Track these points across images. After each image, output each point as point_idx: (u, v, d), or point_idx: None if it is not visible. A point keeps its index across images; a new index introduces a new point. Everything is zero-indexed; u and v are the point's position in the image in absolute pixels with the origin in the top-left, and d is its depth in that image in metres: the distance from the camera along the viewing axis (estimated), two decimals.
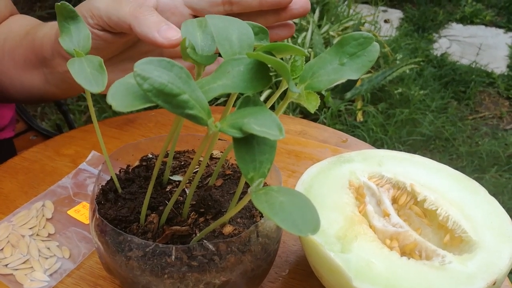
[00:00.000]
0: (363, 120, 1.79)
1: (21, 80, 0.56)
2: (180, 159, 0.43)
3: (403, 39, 2.37)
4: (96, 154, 0.56)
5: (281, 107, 0.33)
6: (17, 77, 0.57)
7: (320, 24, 2.06)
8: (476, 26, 2.67)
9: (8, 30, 0.59)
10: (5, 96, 0.61)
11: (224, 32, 0.31)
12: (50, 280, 0.42)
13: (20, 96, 0.59)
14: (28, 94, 0.58)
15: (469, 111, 1.97)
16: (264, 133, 0.24)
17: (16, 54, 0.56)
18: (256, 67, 0.29)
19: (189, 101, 0.25)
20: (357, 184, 0.43)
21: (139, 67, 0.25)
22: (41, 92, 0.57)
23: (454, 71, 2.16)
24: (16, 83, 0.57)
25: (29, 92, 0.57)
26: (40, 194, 0.51)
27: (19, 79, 0.57)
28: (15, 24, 0.60)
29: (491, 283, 0.34)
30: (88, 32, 0.36)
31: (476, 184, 0.42)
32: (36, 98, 0.59)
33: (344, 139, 0.62)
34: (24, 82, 0.56)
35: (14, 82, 0.57)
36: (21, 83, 0.57)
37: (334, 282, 0.36)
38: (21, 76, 0.56)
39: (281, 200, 0.25)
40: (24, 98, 0.60)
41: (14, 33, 0.58)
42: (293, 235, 0.47)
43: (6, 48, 0.57)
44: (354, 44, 0.31)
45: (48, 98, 0.59)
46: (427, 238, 0.40)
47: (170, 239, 0.35)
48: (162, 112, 0.66)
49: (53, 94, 0.57)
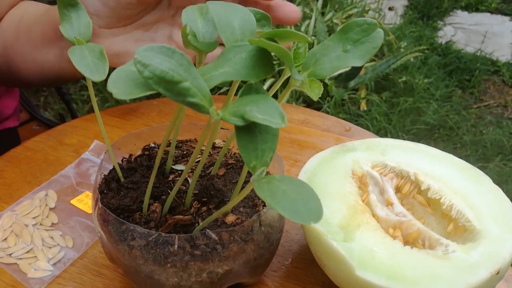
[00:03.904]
0: (366, 109, 1.79)
1: (35, 57, 0.57)
2: (182, 148, 0.43)
3: (408, 27, 2.35)
4: (99, 143, 0.56)
5: (284, 95, 0.33)
6: (31, 55, 0.57)
7: (323, 11, 2.04)
8: (481, 13, 2.64)
9: (23, 11, 0.60)
10: (17, 77, 0.61)
11: (225, 19, 0.30)
12: (53, 269, 0.42)
13: (32, 76, 0.59)
14: (40, 72, 0.58)
15: (474, 100, 1.96)
16: (266, 121, 0.24)
17: (33, 31, 0.56)
18: (258, 54, 0.29)
19: (190, 89, 0.25)
20: (360, 173, 0.42)
21: (140, 54, 0.24)
22: (54, 69, 0.57)
23: (458, 59, 2.14)
24: (29, 60, 0.58)
25: (41, 70, 0.58)
26: (43, 184, 0.51)
27: (32, 57, 0.57)
28: (31, 6, 0.61)
29: (494, 272, 0.34)
30: (89, 19, 0.36)
31: (480, 173, 0.42)
32: (48, 78, 0.59)
33: (347, 128, 0.61)
34: (37, 59, 0.57)
35: (27, 59, 0.58)
36: (34, 61, 0.57)
37: (337, 271, 0.36)
38: (35, 53, 0.57)
39: (284, 189, 0.25)
40: (36, 78, 0.60)
41: (31, 12, 0.58)
42: (296, 224, 0.47)
43: (21, 28, 0.58)
44: (358, 30, 0.30)
45: (59, 76, 0.59)
46: (431, 227, 0.40)
47: (172, 228, 0.35)
48: (165, 101, 0.66)
49: (65, 72, 0.57)
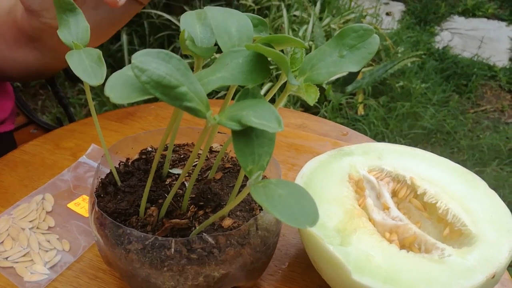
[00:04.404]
0: (364, 113, 1.79)
1: (14, 57, 0.56)
2: (179, 152, 0.43)
3: (405, 32, 2.36)
4: (96, 147, 0.56)
5: (281, 100, 0.33)
6: (10, 54, 0.56)
7: (321, 16, 2.05)
8: (478, 19, 2.65)
9: None
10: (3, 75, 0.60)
11: (223, 24, 0.30)
12: (50, 273, 0.42)
13: (17, 73, 0.58)
14: (24, 70, 0.57)
15: (471, 105, 1.96)
16: (262, 126, 0.24)
17: (4, 32, 0.55)
18: (255, 59, 0.29)
19: (187, 94, 0.25)
20: (357, 178, 0.42)
21: (137, 59, 0.25)
22: (38, 65, 0.56)
23: (455, 64, 2.15)
24: (10, 60, 0.57)
25: (25, 68, 0.57)
26: (40, 187, 0.51)
27: (11, 56, 0.56)
28: None
29: (490, 276, 0.34)
30: (87, 24, 0.36)
31: (477, 177, 0.42)
32: (34, 73, 0.58)
33: (344, 132, 0.62)
34: (17, 59, 0.56)
35: (7, 59, 0.57)
36: (14, 60, 0.56)
37: (333, 275, 0.36)
38: (14, 54, 0.56)
39: (280, 193, 0.25)
40: (21, 75, 0.59)
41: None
42: (293, 229, 0.47)
43: None
44: (354, 36, 0.31)
45: (47, 71, 0.58)
46: (427, 231, 0.40)
47: (169, 232, 0.35)
48: (162, 105, 0.66)
49: (50, 66, 0.56)
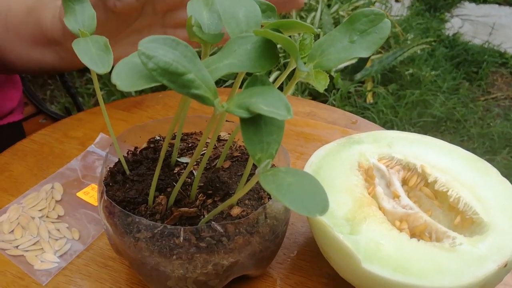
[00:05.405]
0: (373, 101, 1.77)
1: (30, 55, 0.55)
2: (187, 141, 0.43)
3: (415, 19, 2.33)
4: (105, 136, 0.56)
5: (290, 87, 0.32)
6: (25, 52, 0.56)
7: (329, 3, 2.03)
8: (489, 5, 2.61)
9: (6, 4, 0.57)
10: (11, 68, 0.60)
11: (230, 10, 0.30)
12: (60, 261, 0.42)
13: (29, 69, 0.58)
14: (38, 68, 0.57)
15: (481, 92, 1.94)
16: (271, 113, 0.24)
17: (21, 31, 0.54)
18: (264, 45, 0.28)
19: (194, 81, 0.25)
20: (367, 166, 0.42)
21: (144, 45, 0.24)
22: (53, 66, 0.56)
23: (466, 51, 2.12)
24: (24, 58, 0.56)
25: (39, 66, 0.57)
26: (49, 176, 0.51)
27: (27, 54, 0.56)
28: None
29: (502, 265, 0.34)
30: (93, 12, 0.36)
31: (488, 165, 0.42)
32: (48, 71, 0.58)
33: (353, 120, 0.61)
34: (33, 57, 0.56)
35: (22, 57, 0.56)
36: (29, 58, 0.56)
37: (343, 263, 0.36)
38: (30, 52, 0.55)
39: (289, 181, 0.24)
40: (33, 70, 0.59)
41: (14, 9, 0.56)
42: (302, 217, 0.47)
43: (9, 24, 0.55)
44: (365, 21, 0.30)
45: (61, 71, 0.58)
46: (438, 219, 0.40)
47: (178, 220, 0.35)
48: (170, 94, 0.66)
49: (66, 67, 0.56)
